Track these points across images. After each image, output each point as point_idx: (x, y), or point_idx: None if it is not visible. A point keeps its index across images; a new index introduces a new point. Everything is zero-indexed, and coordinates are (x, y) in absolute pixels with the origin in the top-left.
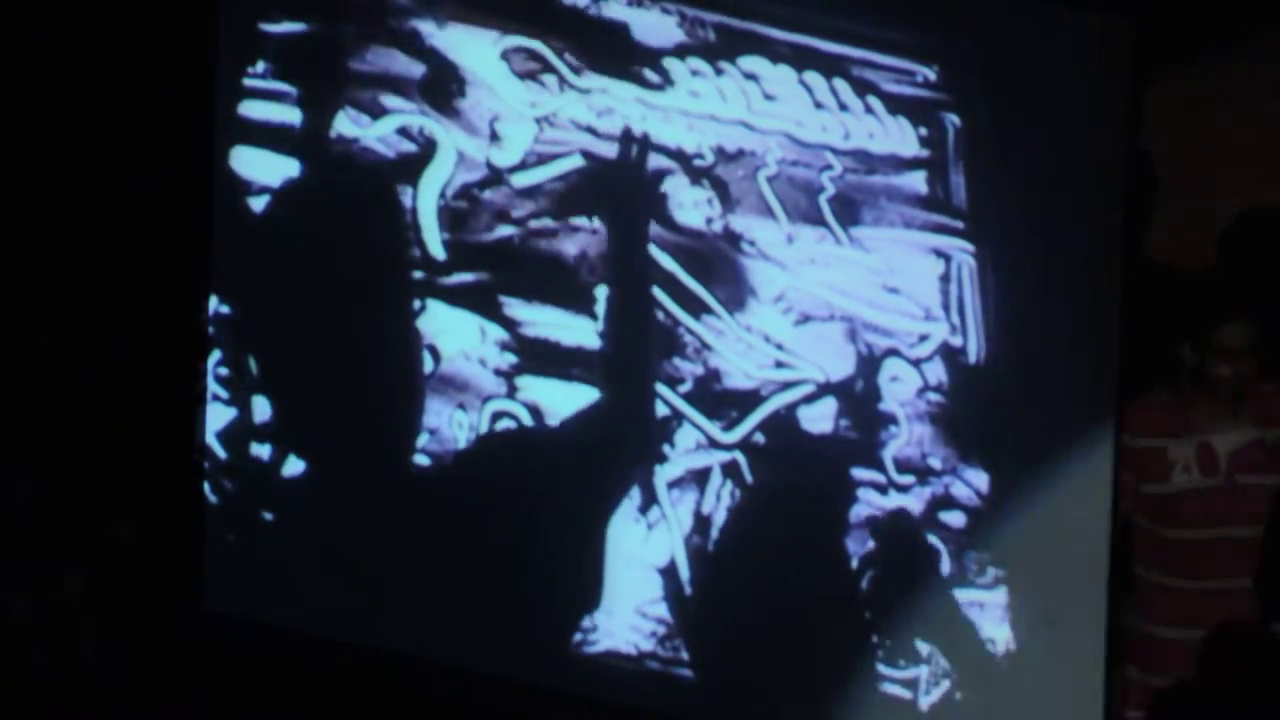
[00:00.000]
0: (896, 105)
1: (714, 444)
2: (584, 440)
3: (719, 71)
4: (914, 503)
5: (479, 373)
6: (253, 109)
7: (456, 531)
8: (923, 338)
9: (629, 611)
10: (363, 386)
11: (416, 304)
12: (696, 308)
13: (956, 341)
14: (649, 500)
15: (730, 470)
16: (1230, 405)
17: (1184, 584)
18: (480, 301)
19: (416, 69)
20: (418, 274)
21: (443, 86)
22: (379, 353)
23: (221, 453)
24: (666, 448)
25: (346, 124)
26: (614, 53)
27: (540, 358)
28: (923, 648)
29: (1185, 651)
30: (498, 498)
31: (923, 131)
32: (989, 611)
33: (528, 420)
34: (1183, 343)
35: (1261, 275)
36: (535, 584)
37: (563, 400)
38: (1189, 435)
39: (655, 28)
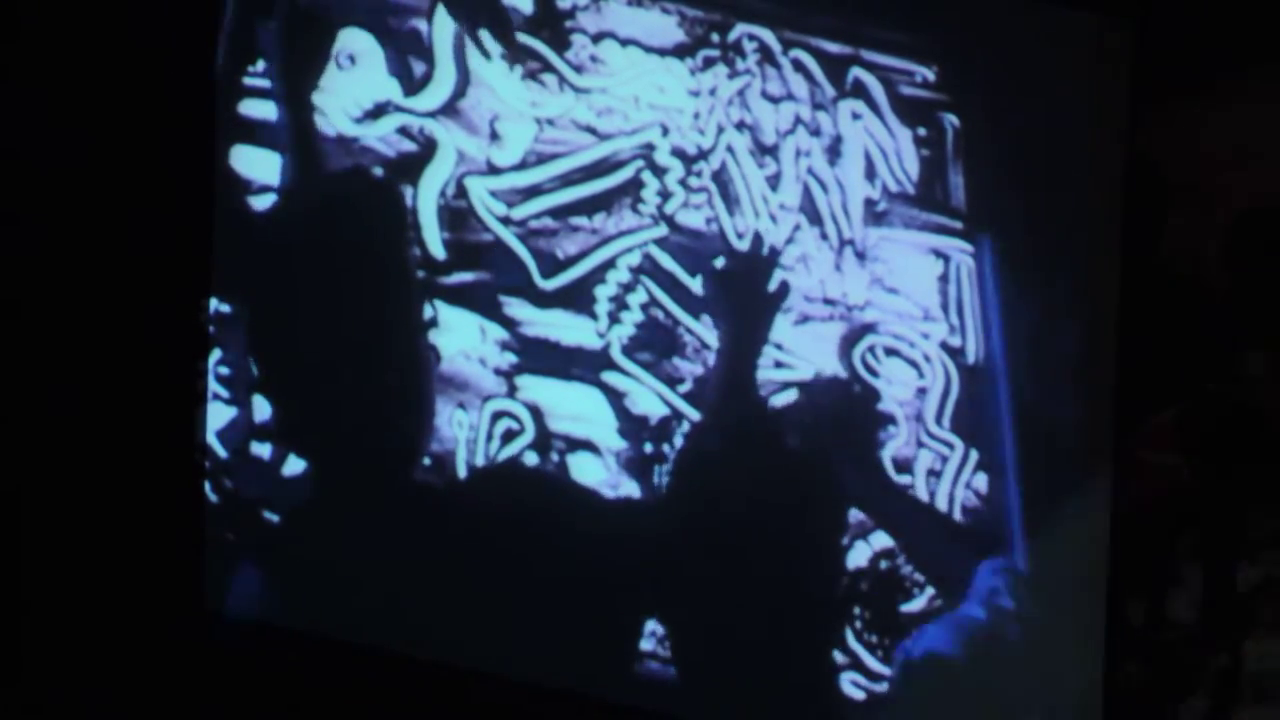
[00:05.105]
0: (895, 105)
1: None
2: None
3: (718, 72)
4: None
5: (479, 372)
6: (253, 109)
7: (456, 531)
8: (922, 337)
9: None
10: (364, 386)
11: (415, 303)
12: (696, 308)
13: (955, 342)
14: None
15: None
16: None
17: None
18: (480, 301)
19: (417, 68)
20: (418, 273)
21: (443, 86)
22: (380, 352)
23: (222, 452)
24: (667, 448)
25: (347, 123)
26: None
27: (540, 358)
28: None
29: None
30: (498, 497)
31: (921, 131)
32: (986, 613)
33: (528, 420)
34: (1204, 363)
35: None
36: (536, 583)
37: (563, 400)
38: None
39: (655, 28)
